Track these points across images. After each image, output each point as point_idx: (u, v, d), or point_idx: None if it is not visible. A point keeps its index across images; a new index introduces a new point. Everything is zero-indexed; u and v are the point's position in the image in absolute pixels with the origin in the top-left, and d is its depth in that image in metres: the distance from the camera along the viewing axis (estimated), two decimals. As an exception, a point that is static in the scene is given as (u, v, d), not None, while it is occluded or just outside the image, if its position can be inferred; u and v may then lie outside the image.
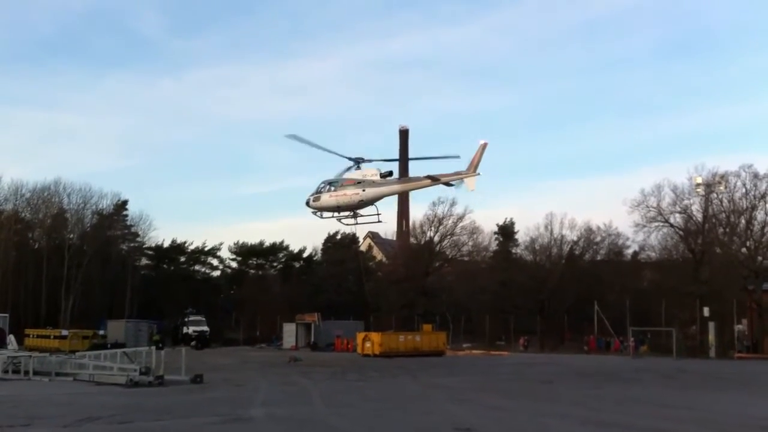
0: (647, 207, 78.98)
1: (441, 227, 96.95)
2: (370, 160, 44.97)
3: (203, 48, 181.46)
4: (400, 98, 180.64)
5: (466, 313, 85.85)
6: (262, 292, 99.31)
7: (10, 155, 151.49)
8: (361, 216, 46.16)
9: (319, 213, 46.41)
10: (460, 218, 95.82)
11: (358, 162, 44.77)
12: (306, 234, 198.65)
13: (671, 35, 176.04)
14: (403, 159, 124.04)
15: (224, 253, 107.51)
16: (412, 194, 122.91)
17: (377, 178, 44.49)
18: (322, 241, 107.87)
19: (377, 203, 45.70)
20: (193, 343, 76.76)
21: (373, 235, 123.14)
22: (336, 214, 46.29)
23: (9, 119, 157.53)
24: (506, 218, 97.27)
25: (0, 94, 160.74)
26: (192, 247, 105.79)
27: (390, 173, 45.05)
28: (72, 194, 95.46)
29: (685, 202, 78.66)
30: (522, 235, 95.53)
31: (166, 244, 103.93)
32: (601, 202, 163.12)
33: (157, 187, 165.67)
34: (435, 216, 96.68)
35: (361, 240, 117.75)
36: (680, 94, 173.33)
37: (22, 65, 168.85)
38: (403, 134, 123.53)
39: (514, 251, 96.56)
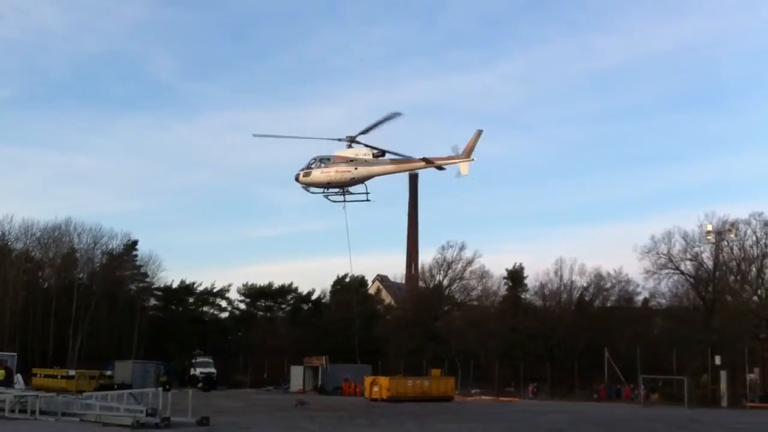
0: (658, 254, 78.82)
1: (450, 271, 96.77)
2: (359, 141, 44.32)
3: (215, 92, 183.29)
4: (410, 144, 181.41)
5: (475, 358, 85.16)
6: (270, 335, 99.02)
7: (22, 195, 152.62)
8: (350, 194, 45.61)
9: (307, 188, 45.95)
10: (470, 262, 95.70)
11: (350, 140, 44.38)
12: (315, 276, 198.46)
13: (682, 85, 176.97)
14: (413, 203, 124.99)
15: (233, 294, 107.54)
16: (421, 237, 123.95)
17: (370, 157, 44.20)
18: (331, 284, 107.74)
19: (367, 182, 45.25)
20: (200, 384, 76.28)
21: (382, 278, 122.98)
22: (325, 190, 45.83)
23: (22, 160, 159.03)
24: (515, 263, 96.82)
25: (14, 135, 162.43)
26: (201, 289, 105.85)
27: (383, 153, 44.45)
28: (82, 234, 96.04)
29: (696, 249, 78.50)
30: (531, 280, 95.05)
31: (174, 285, 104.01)
32: (611, 249, 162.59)
33: (167, 228, 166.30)
34: (444, 260, 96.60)
35: (369, 283, 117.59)
36: (691, 143, 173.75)
37: (37, 107, 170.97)
38: (413, 178, 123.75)
39: (523, 296, 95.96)
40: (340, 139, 44.16)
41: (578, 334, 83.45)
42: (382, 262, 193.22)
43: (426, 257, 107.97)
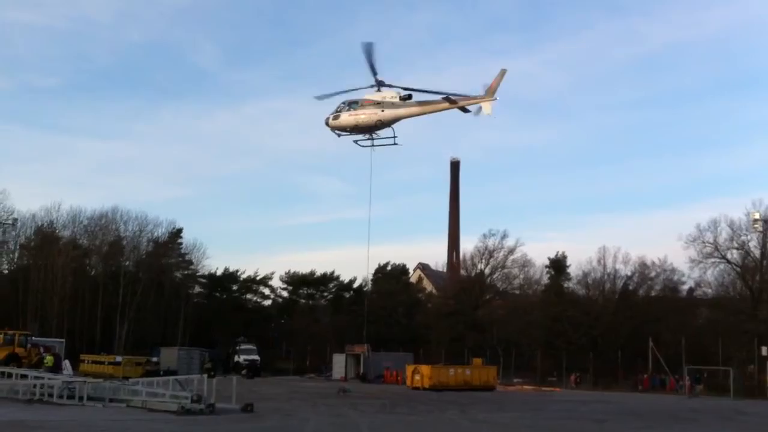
0: (703, 243, 77.85)
1: (492, 260, 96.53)
2: (390, 85, 44.90)
3: (258, 79, 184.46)
4: (452, 130, 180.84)
5: (517, 347, 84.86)
6: (312, 322, 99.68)
7: (69, 184, 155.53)
8: (378, 138, 46.08)
9: (336, 132, 46.40)
10: (511, 251, 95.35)
11: (379, 85, 44.92)
12: (356, 264, 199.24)
13: (728, 69, 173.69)
14: (454, 191, 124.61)
15: (275, 282, 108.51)
16: (462, 225, 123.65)
17: (397, 100, 44.54)
18: (372, 272, 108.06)
19: (395, 126, 45.49)
20: (243, 371, 77.08)
21: (424, 267, 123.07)
22: (353, 135, 46.27)
23: (69, 148, 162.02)
24: (558, 252, 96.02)
25: (61, 124, 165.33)
26: (244, 276, 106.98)
27: (409, 96, 44.65)
28: (129, 222, 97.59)
29: (743, 238, 77.38)
30: (574, 269, 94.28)
31: (219, 273, 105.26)
32: (656, 237, 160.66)
33: (211, 216, 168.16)
34: (486, 248, 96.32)
35: (411, 271, 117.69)
36: (737, 129, 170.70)
37: (83, 96, 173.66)
38: (454, 166, 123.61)
39: (566, 285, 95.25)
40: (371, 86, 44.65)
41: (622, 324, 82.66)
42: (423, 250, 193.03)
43: (468, 245, 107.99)
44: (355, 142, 46.50)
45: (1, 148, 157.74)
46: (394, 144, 45.94)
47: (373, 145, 46.36)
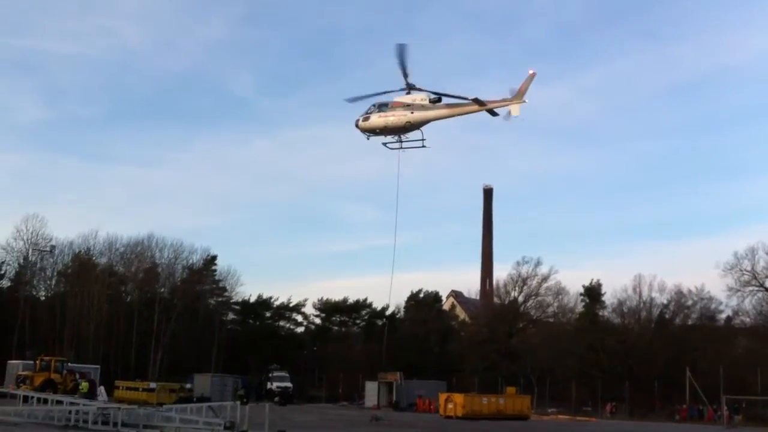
0: (741, 270, 76.77)
1: (525, 287, 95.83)
2: (420, 89, 45.43)
3: (293, 107, 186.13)
4: (485, 157, 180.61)
5: (552, 376, 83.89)
6: (344, 350, 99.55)
7: (107, 211, 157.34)
8: (407, 140, 46.06)
9: (366, 134, 46.54)
10: (545, 278, 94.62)
11: (409, 88, 45.11)
12: (389, 292, 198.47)
13: (763, 95, 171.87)
14: (487, 218, 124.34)
15: (308, 309, 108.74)
16: (496, 253, 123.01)
17: (426, 102, 44.81)
18: (405, 300, 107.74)
19: (424, 128, 45.26)
20: (276, 399, 76.92)
21: (456, 294, 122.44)
22: (383, 137, 46.26)
23: (107, 176, 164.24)
24: (592, 279, 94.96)
25: (99, 152, 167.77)
26: (277, 303, 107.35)
27: (439, 99, 44.79)
28: (164, 249, 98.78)
29: (781, 266, 75.98)
30: (609, 297, 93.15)
31: (252, 300, 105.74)
32: (692, 265, 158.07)
33: (245, 242, 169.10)
34: (519, 276, 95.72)
35: (444, 299, 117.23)
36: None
37: (121, 124, 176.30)
38: (487, 193, 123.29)
39: (601, 314, 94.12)
40: (402, 89, 44.97)
41: (658, 353, 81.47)
42: (456, 277, 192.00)
43: (501, 273, 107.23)
44: (384, 144, 47.22)
45: (41, 175, 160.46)
46: (423, 146, 46.47)
47: (401, 147, 47.01)
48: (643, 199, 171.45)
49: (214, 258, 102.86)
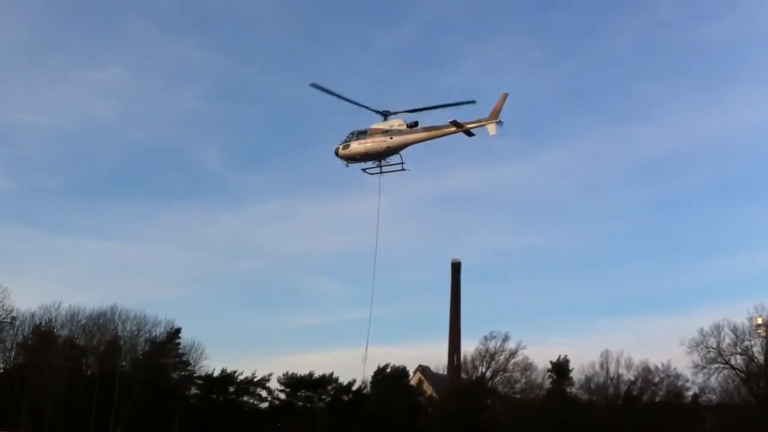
0: (707, 348, 77.36)
1: (493, 363, 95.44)
2: (396, 112, 46.06)
3: (260, 182, 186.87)
4: (453, 232, 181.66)
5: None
6: (310, 426, 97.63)
7: (69, 283, 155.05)
8: (387, 165, 46.69)
9: (345, 162, 47.36)
10: (513, 354, 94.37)
11: (385, 114, 46.05)
12: (355, 366, 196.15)
13: (729, 175, 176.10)
14: (455, 292, 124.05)
15: (273, 383, 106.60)
16: (463, 327, 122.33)
17: (404, 127, 45.68)
18: (372, 374, 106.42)
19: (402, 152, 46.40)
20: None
21: (424, 369, 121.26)
22: (363, 163, 46.99)
23: (72, 248, 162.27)
24: (560, 355, 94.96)
25: (64, 224, 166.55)
26: (241, 378, 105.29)
27: (416, 123, 45.85)
28: (127, 321, 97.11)
29: (746, 343, 76.90)
30: (577, 372, 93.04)
31: (216, 374, 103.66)
32: (659, 342, 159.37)
33: (210, 316, 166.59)
34: (487, 351, 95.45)
35: (411, 374, 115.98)
36: (738, 234, 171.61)
37: (87, 196, 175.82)
38: (455, 267, 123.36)
39: (568, 390, 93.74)
40: (378, 111, 46.25)
41: (626, 430, 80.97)
42: (423, 352, 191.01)
43: (468, 347, 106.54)
44: (364, 170, 47.81)
45: (3, 247, 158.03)
46: (402, 170, 47.21)
47: (381, 172, 47.57)
48: (609, 276, 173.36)
49: (177, 331, 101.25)
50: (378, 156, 46.43)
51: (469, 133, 44.97)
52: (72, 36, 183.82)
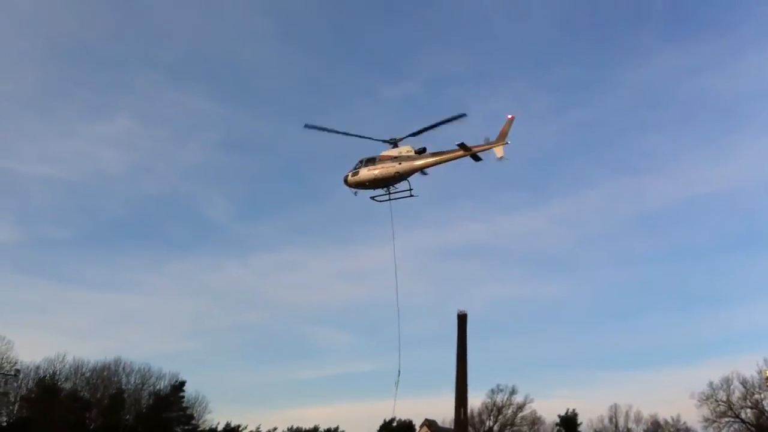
0: (716, 401, 76.40)
1: (500, 417, 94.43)
2: (401, 138, 46.62)
3: (267, 232, 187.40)
4: (459, 284, 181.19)
5: None
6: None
7: (75, 334, 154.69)
8: (395, 191, 47.05)
9: (354, 190, 47.67)
10: (521, 407, 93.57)
11: (392, 142, 46.67)
12: (362, 420, 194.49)
13: (736, 225, 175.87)
14: (461, 344, 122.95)
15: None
16: (470, 380, 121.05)
17: (412, 153, 46.40)
18: (377, 429, 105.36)
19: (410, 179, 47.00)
20: None
21: (430, 423, 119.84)
22: (371, 191, 47.38)
23: (78, 299, 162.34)
24: (568, 409, 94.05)
25: (71, 275, 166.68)
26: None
27: (424, 149, 46.51)
28: (131, 374, 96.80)
29: (756, 396, 75.89)
30: (585, 427, 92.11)
31: (220, 428, 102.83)
32: (668, 395, 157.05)
33: (215, 368, 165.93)
34: (494, 404, 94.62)
35: (417, 428, 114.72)
36: (747, 285, 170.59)
37: (94, 247, 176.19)
38: (461, 319, 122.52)
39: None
40: (384, 140, 46.96)
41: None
42: (430, 406, 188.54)
43: (475, 401, 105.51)
44: (372, 198, 48.10)
45: (10, 298, 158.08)
46: (411, 196, 47.55)
47: (390, 199, 47.71)
48: (617, 328, 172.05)
49: (182, 384, 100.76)
50: (387, 182, 47.07)
51: (476, 157, 45.77)
52: (79, 87, 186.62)
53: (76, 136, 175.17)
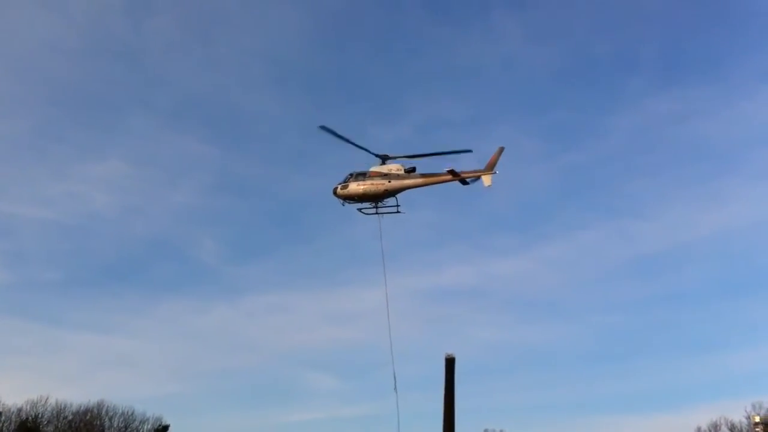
0: (704, 446, 75.71)
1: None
2: (394, 157, 47.52)
3: (257, 275, 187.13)
4: (448, 327, 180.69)
5: None
6: None
7: (59, 377, 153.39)
8: (383, 206, 48.28)
9: (342, 201, 48.73)
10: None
11: (383, 158, 47.46)
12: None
13: (724, 271, 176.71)
14: (449, 388, 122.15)
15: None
16: (458, 425, 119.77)
17: (402, 172, 47.64)
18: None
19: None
20: None
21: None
22: (359, 204, 48.45)
23: (63, 342, 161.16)
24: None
25: (58, 317, 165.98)
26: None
27: (413, 169, 47.61)
28: (114, 418, 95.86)
29: (744, 441, 75.38)
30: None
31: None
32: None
33: (201, 412, 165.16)
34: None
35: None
36: (735, 330, 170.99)
37: (83, 289, 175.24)
38: (449, 362, 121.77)
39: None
40: (376, 155, 47.81)
41: None
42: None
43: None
44: (360, 210, 48.88)
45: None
46: (398, 212, 48.38)
47: (378, 213, 48.58)
48: (605, 373, 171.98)
49: (165, 428, 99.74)
50: (375, 198, 48.10)
51: (464, 182, 46.85)
52: (72, 129, 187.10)
53: (69, 178, 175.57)
